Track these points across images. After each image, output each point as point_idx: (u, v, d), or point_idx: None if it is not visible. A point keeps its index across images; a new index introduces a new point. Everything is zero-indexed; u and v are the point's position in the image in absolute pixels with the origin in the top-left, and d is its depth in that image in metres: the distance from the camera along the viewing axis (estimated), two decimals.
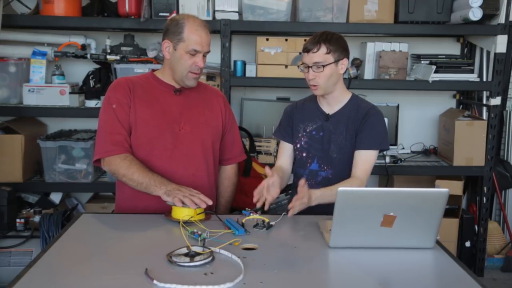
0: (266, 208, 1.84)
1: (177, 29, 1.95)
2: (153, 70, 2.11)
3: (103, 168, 2.00)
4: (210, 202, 1.81)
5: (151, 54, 3.16)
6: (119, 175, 1.93)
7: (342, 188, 1.49)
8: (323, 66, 1.95)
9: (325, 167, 2.05)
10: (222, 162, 2.20)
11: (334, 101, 2.06)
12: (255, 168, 2.65)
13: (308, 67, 1.98)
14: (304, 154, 2.10)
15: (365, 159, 1.98)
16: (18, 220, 3.03)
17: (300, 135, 2.11)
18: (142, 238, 1.69)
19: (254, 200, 1.83)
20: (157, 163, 1.97)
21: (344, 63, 2.00)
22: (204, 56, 1.98)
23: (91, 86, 3.24)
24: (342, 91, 2.07)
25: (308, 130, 2.09)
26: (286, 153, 2.17)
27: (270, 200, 1.83)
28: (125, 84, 2.01)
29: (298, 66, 2.06)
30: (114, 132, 1.95)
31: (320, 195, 1.83)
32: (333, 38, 1.97)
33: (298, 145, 2.11)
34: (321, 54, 1.95)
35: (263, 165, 2.40)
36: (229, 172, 2.23)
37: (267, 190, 1.83)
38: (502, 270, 3.49)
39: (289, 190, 2.44)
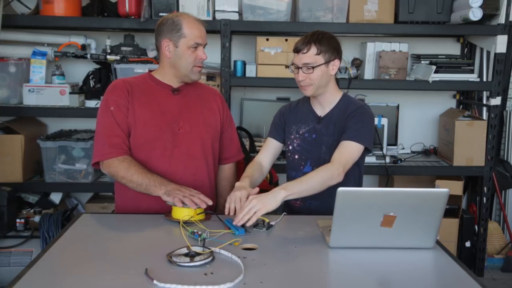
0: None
1: (175, 27, 1.96)
2: (150, 71, 2.11)
3: (102, 171, 2.00)
4: (210, 202, 1.81)
5: (151, 54, 3.17)
6: (118, 177, 1.93)
7: (342, 188, 1.49)
8: (313, 67, 1.92)
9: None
10: (220, 161, 2.21)
11: (326, 102, 2.04)
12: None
13: (298, 68, 1.95)
14: (297, 157, 2.08)
15: (345, 148, 1.90)
16: (18, 220, 3.03)
17: (292, 136, 2.09)
18: (142, 238, 1.69)
19: (227, 208, 1.82)
20: (157, 164, 1.97)
21: (336, 64, 1.96)
22: (203, 48, 2.01)
23: (91, 86, 3.24)
24: (333, 92, 2.04)
25: (301, 132, 2.07)
26: (269, 149, 2.14)
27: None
28: (123, 85, 2.00)
29: (288, 67, 2.03)
30: (112, 134, 1.95)
31: (288, 187, 1.77)
32: (324, 38, 1.93)
33: (290, 147, 2.10)
34: (311, 55, 1.92)
35: None
36: (227, 171, 2.23)
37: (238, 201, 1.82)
38: (502, 270, 3.49)
39: None
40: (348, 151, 1.90)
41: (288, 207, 2.12)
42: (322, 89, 1.99)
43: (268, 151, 2.14)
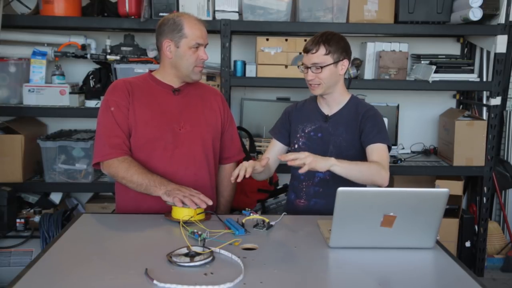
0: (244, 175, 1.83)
1: (176, 27, 1.96)
2: (151, 71, 2.11)
3: (102, 171, 2.00)
4: (210, 202, 1.81)
5: (151, 54, 3.17)
6: (119, 177, 1.93)
7: (342, 188, 1.49)
8: (321, 67, 1.94)
9: None
10: (221, 161, 2.21)
11: (334, 102, 2.06)
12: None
13: (308, 67, 1.97)
14: None
15: (378, 150, 1.94)
16: (18, 220, 3.03)
17: (298, 135, 2.10)
18: (142, 238, 1.69)
19: (233, 176, 1.83)
20: (158, 164, 1.98)
21: (345, 64, 1.99)
22: (205, 48, 2.01)
23: (91, 86, 3.24)
24: (342, 92, 2.06)
25: (306, 131, 2.08)
26: (274, 150, 2.16)
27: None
28: (123, 86, 2.01)
29: (298, 67, 2.05)
30: (113, 135, 1.95)
31: (342, 161, 1.80)
32: (333, 39, 1.96)
33: (296, 146, 2.10)
34: (319, 55, 1.94)
35: None
36: (228, 171, 2.22)
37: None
38: (502, 270, 3.49)
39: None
40: (383, 153, 1.94)
41: (293, 207, 2.12)
42: (331, 88, 2.01)
43: (272, 152, 2.16)
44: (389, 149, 2.00)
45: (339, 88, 2.04)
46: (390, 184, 3.24)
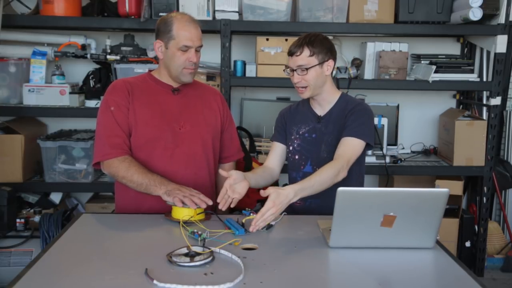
0: (233, 205, 1.83)
1: (166, 27, 1.96)
2: (150, 71, 2.11)
3: (103, 171, 2.00)
4: (210, 202, 1.81)
5: (151, 54, 3.17)
6: (119, 177, 1.93)
7: (342, 188, 1.49)
8: (307, 69, 1.94)
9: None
10: (221, 160, 2.21)
11: (325, 102, 2.06)
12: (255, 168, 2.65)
13: (293, 70, 1.97)
14: (297, 157, 2.09)
15: (348, 144, 1.91)
16: (18, 220, 3.04)
17: (293, 137, 2.10)
18: (142, 238, 1.69)
19: (220, 206, 1.82)
20: (158, 164, 1.98)
21: (330, 65, 1.98)
22: (197, 51, 1.99)
23: (91, 86, 3.24)
24: (331, 92, 2.06)
25: (301, 132, 2.09)
26: (275, 152, 2.15)
27: (238, 198, 1.82)
28: (123, 86, 2.01)
29: (284, 70, 2.04)
30: (113, 135, 1.95)
31: (299, 188, 1.73)
32: (316, 40, 1.95)
33: (291, 147, 2.11)
34: (304, 57, 1.94)
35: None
36: (227, 170, 2.21)
37: (232, 191, 1.81)
38: (502, 270, 3.49)
39: None
40: (350, 147, 1.92)
41: (289, 207, 2.12)
42: (319, 89, 2.01)
43: (275, 154, 2.15)
44: (371, 147, 1.98)
45: (327, 88, 2.03)
46: (390, 184, 3.27)
